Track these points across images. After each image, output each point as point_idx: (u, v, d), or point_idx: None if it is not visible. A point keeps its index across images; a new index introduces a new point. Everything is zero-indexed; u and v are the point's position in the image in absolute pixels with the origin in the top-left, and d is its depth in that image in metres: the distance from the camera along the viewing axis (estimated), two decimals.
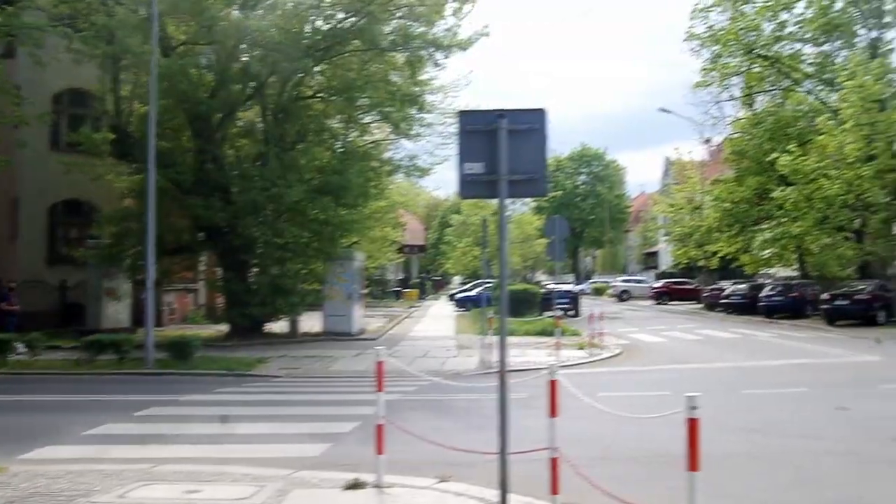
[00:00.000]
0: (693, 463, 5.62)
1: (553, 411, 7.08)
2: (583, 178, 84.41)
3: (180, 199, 23.93)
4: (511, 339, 22.77)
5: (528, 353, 20.27)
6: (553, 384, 7.25)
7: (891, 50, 35.28)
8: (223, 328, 26.14)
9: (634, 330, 29.44)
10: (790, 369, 17.89)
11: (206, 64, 24.85)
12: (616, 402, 11.95)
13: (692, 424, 5.66)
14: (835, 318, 30.35)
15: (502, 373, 7.27)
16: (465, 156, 7.39)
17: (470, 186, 7.56)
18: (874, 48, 34.63)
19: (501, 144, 7.20)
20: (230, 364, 18.34)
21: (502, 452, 6.98)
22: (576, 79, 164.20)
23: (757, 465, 8.82)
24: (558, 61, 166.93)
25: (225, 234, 24.64)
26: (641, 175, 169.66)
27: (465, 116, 7.70)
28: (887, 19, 35.08)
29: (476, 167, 7.33)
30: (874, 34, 35.32)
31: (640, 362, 19.70)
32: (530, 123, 7.38)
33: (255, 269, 25.51)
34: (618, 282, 62.64)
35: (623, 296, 57.29)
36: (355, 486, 7.62)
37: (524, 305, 31.79)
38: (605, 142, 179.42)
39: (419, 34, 24.38)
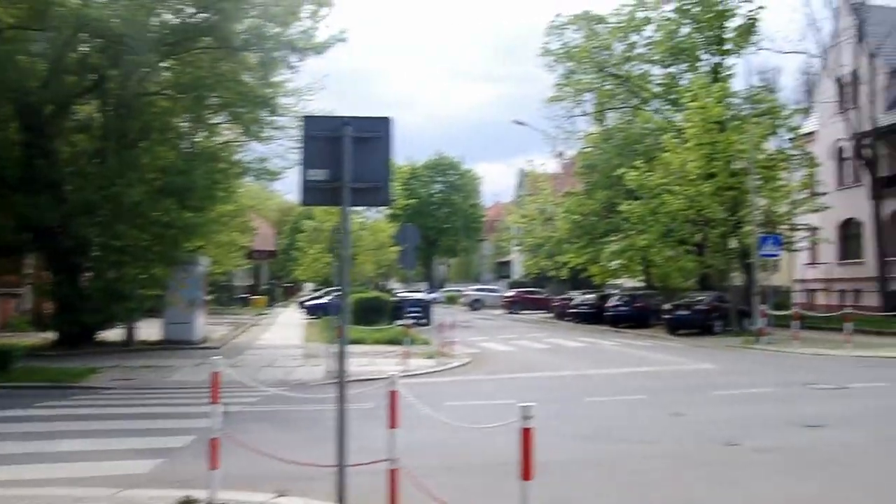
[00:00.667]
0: (526, 472, 5.65)
1: (393, 422, 7.12)
2: (438, 186, 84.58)
3: (5, 196, 22.24)
4: (360, 349, 22.73)
5: (376, 362, 19.97)
6: (393, 395, 7.25)
7: (731, 75, 37.03)
8: (51, 336, 24.42)
9: (485, 339, 29.65)
10: (632, 377, 18.41)
11: (38, 52, 23.20)
12: (462, 412, 11.98)
13: (526, 434, 5.70)
14: (676, 327, 31.52)
15: (341, 383, 7.19)
16: (308, 162, 7.30)
17: (312, 193, 7.46)
18: (716, 72, 36.22)
19: (346, 152, 7.11)
20: (56, 375, 17.12)
21: (340, 465, 6.92)
22: (435, 87, 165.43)
23: (594, 471, 9.06)
24: (418, 70, 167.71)
25: (55, 234, 23.09)
26: (497, 185, 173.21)
27: (310, 122, 7.66)
28: (727, 46, 36.80)
29: (319, 174, 7.23)
30: (716, 59, 36.97)
31: (488, 371, 19.75)
32: (375, 131, 7.40)
33: (89, 273, 24.04)
34: (470, 291, 63.18)
35: (475, 305, 57.85)
36: (186, 503, 7.23)
37: (375, 313, 31.35)
38: (461, 151, 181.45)
39: (273, 35, 23.64)
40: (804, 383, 16.21)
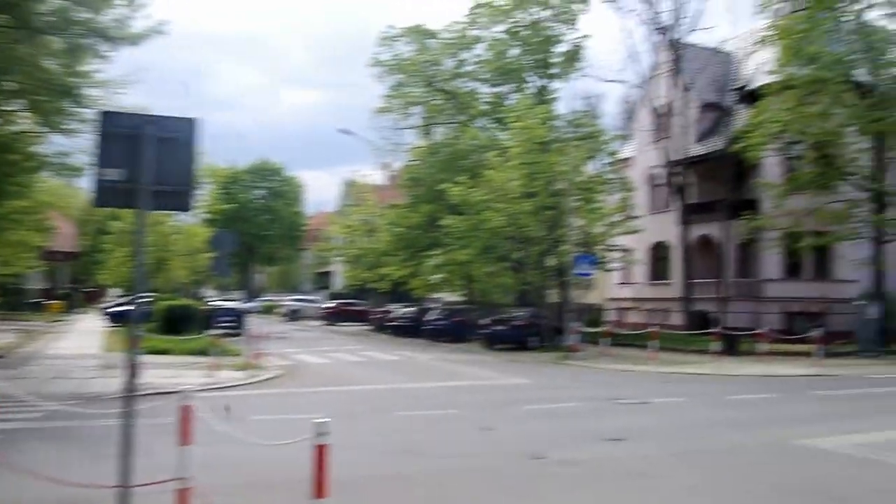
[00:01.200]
0: (319, 490, 5.44)
1: (185, 438, 6.59)
2: (260, 192, 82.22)
3: None
4: (166, 359, 21.55)
5: (182, 373, 18.86)
6: (186, 409, 6.70)
7: (556, 98, 38.27)
8: None
9: (300, 350, 28.97)
10: (445, 391, 18.35)
11: None
12: (268, 427, 11.47)
13: (320, 451, 5.47)
14: (493, 342, 31.95)
15: (129, 396, 6.72)
16: (104, 160, 6.78)
17: (107, 194, 6.96)
18: (541, 95, 37.27)
19: (146, 152, 6.65)
20: None
21: (124, 485, 6.51)
22: (263, 90, 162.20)
23: (397, 487, 8.99)
24: (246, 71, 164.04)
25: None
26: (321, 194, 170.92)
27: (108, 118, 7.07)
28: (554, 70, 37.93)
29: (115, 174, 6.74)
30: (542, 82, 38.03)
31: (300, 384, 19.19)
32: (180, 132, 6.96)
33: None
34: (289, 301, 61.91)
35: (293, 315, 56.69)
36: None
37: (184, 322, 29.66)
38: (286, 157, 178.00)
39: (83, 20, 22.01)
40: (610, 398, 16.66)
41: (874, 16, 31.20)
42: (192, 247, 46.12)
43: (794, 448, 11.22)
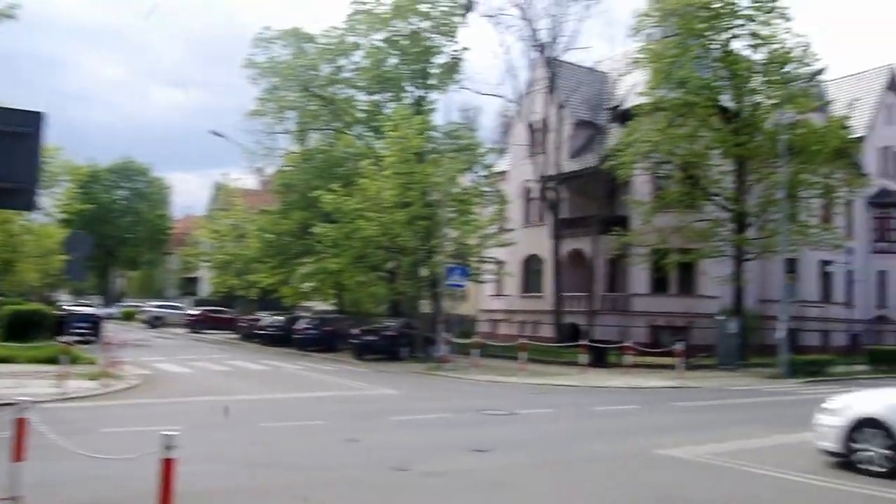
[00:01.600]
0: None
1: (18, 454, 5.99)
2: (123, 192, 78.46)
3: None
4: (9, 368, 20.16)
5: (26, 383, 17.46)
6: (21, 423, 6.09)
7: (433, 109, 38.13)
8: None
9: (161, 359, 27.74)
10: (312, 402, 17.98)
11: None
12: (119, 439, 10.78)
13: (167, 465, 5.04)
14: (363, 352, 31.46)
15: None
16: None
17: None
18: (419, 105, 37.09)
19: None
20: None
21: None
22: (131, 86, 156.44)
23: (256, 499, 8.72)
24: (113, 64, 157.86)
25: None
26: (190, 197, 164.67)
27: None
28: (432, 81, 37.88)
29: None
30: (420, 92, 37.88)
31: (158, 394, 18.27)
32: (23, 126, 6.28)
33: None
34: (151, 307, 59.40)
35: (156, 322, 54.34)
36: None
37: (32, 328, 27.64)
38: (153, 157, 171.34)
39: None
40: (478, 409, 16.58)
41: (738, 45, 32.61)
42: (44, 248, 43.35)
43: (653, 457, 11.46)
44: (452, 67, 36.89)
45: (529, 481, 9.74)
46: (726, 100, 32.65)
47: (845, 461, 10.53)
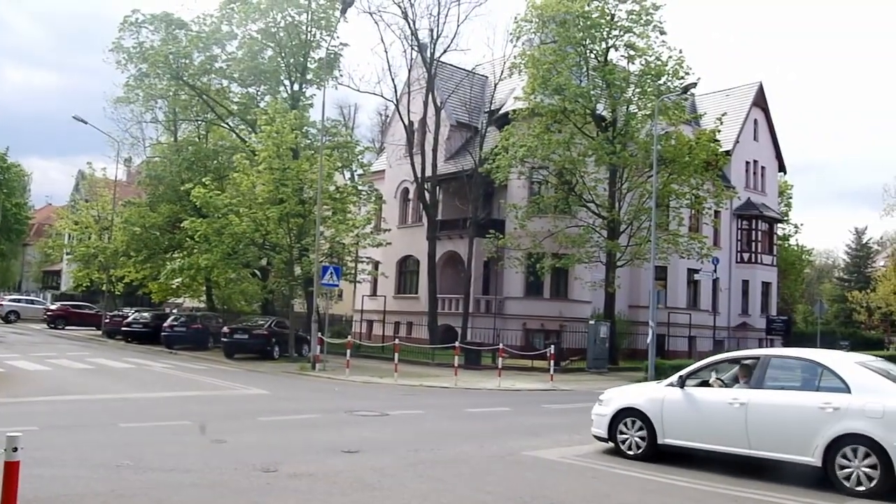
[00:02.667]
0: None
1: None
2: None
3: None
4: None
5: None
6: None
7: (310, 105, 37.50)
8: None
9: (15, 356, 26.25)
10: (179, 401, 17.37)
11: None
12: None
13: (10, 469, 4.67)
14: (233, 351, 30.71)
15: None
16: None
17: None
18: (295, 100, 36.39)
19: None
20: None
21: None
22: None
23: (116, 502, 8.25)
24: None
25: None
26: (51, 185, 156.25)
27: None
28: (309, 76, 37.26)
29: None
30: (297, 87, 37.20)
31: (11, 394, 17.18)
32: None
33: None
34: (6, 301, 56.26)
35: (10, 317, 51.58)
36: None
37: None
38: (11, 142, 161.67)
39: None
40: (349, 410, 16.36)
41: (615, 56, 33.50)
42: None
43: (522, 458, 11.54)
44: (331, 63, 36.35)
45: (397, 482, 9.61)
46: (602, 108, 33.48)
47: (614, 448, 12.04)
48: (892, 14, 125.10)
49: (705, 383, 11.70)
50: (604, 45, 33.05)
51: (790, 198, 59.82)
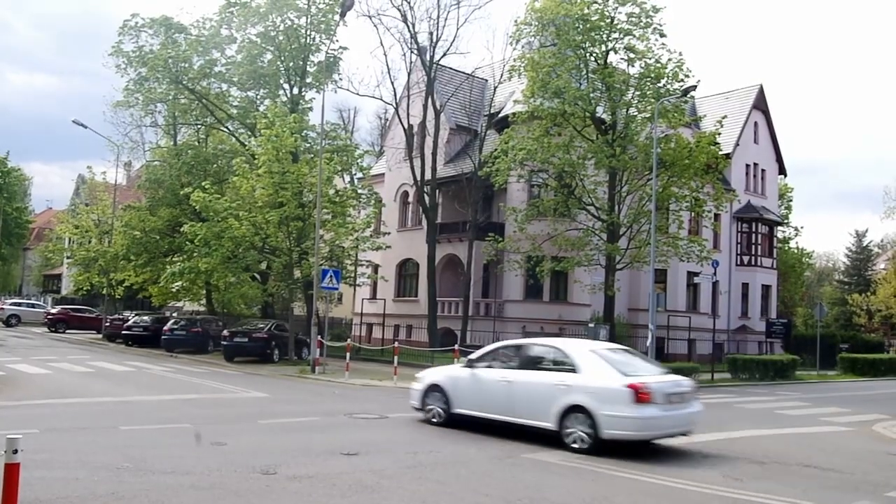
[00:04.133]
0: None
1: None
2: None
3: None
4: None
5: None
6: None
7: (310, 108, 37.57)
8: None
9: (17, 360, 26.28)
10: (179, 404, 17.34)
11: None
12: None
13: (10, 471, 4.72)
14: (233, 354, 30.76)
15: None
16: None
17: None
18: (295, 103, 36.45)
19: None
20: None
21: None
22: None
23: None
24: None
25: None
26: (52, 190, 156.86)
27: None
28: (309, 80, 37.32)
29: None
30: (296, 91, 37.25)
31: (13, 397, 17.21)
32: None
33: None
34: (7, 305, 56.32)
35: (11, 321, 51.65)
36: None
37: None
38: (10, 146, 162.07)
39: None
40: (348, 413, 16.42)
41: (615, 59, 33.49)
42: None
43: (522, 461, 11.59)
44: (330, 66, 36.39)
45: (396, 484, 9.64)
46: (601, 112, 33.48)
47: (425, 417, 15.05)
48: (892, 15, 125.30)
49: (490, 366, 14.31)
50: (603, 48, 33.03)
51: (790, 200, 59.89)
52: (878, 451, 14.71)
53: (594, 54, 33.21)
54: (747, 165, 47.79)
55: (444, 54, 37.81)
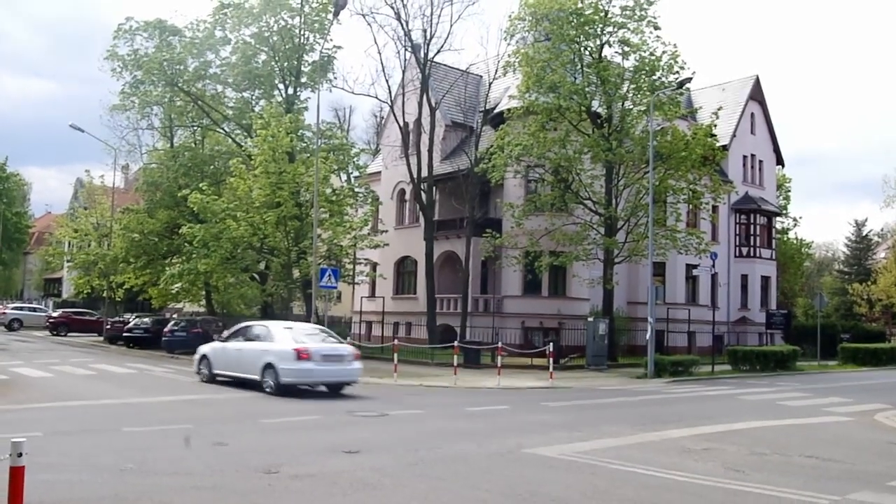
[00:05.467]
0: None
1: None
2: None
3: None
4: None
5: None
6: None
7: (305, 108, 37.56)
8: None
9: (19, 363, 26.32)
10: (181, 405, 17.38)
11: None
12: None
13: (15, 474, 4.74)
14: None
15: None
16: None
17: None
18: (290, 103, 36.46)
19: None
20: None
21: None
22: None
23: None
24: None
25: None
26: (50, 194, 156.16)
27: None
28: (303, 79, 37.34)
29: None
30: (291, 91, 37.28)
31: (16, 400, 17.25)
32: None
33: None
34: (9, 309, 56.39)
35: (13, 325, 51.72)
36: None
37: None
38: (8, 151, 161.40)
39: None
40: (349, 411, 16.44)
41: (609, 52, 33.52)
42: None
43: (522, 456, 11.58)
44: (324, 66, 36.37)
45: (397, 481, 9.66)
46: (597, 105, 33.52)
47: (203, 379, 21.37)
48: (889, 3, 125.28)
49: (233, 340, 21.23)
50: (598, 42, 33.07)
51: (789, 191, 59.85)
52: (879, 440, 14.75)
53: (588, 48, 33.25)
54: (744, 157, 47.81)
55: (439, 51, 37.80)
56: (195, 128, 41.23)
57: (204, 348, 22.41)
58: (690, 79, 32.51)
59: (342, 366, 19.67)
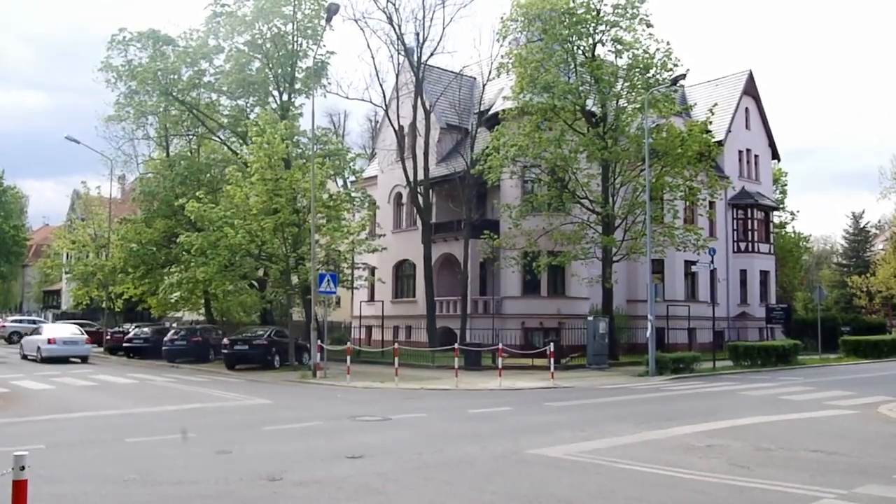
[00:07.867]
0: None
1: None
2: None
3: None
4: None
5: None
6: None
7: (300, 114, 37.55)
8: None
9: (20, 376, 26.32)
10: (183, 414, 17.33)
11: None
12: None
13: (18, 487, 4.70)
14: (234, 362, 30.78)
15: None
16: None
17: None
18: (285, 110, 36.41)
19: None
20: None
21: None
22: None
23: None
24: None
25: None
26: (47, 206, 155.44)
27: None
28: (298, 86, 37.30)
29: None
30: (286, 97, 37.23)
31: (17, 413, 17.23)
32: None
33: None
34: (8, 322, 56.27)
35: (13, 338, 51.56)
36: None
37: None
38: (5, 164, 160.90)
39: None
40: (351, 416, 16.40)
41: (602, 51, 33.50)
42: None
43: (527, 457, 11.53)
44: (318, 71, 36.33)
45: (402, 486, 9.64)
46: (591, 104, 33.50)
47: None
48: None
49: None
50: (590, 41, 33.06)
51: (785, 185, 59.85)
52: (884, 433, 14.72)
53: (581, 47, 33.25)
54: (740, 152, 47.82)
55: (432, 54, 37.82)
56: (191, 136, 41.21)
57: (27, 341, 36.31)
58: (684, 76, 32.52)
59: (78, 348, 34.34)
